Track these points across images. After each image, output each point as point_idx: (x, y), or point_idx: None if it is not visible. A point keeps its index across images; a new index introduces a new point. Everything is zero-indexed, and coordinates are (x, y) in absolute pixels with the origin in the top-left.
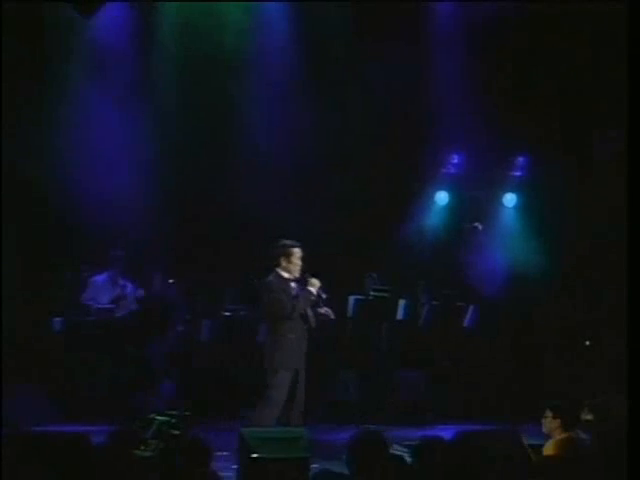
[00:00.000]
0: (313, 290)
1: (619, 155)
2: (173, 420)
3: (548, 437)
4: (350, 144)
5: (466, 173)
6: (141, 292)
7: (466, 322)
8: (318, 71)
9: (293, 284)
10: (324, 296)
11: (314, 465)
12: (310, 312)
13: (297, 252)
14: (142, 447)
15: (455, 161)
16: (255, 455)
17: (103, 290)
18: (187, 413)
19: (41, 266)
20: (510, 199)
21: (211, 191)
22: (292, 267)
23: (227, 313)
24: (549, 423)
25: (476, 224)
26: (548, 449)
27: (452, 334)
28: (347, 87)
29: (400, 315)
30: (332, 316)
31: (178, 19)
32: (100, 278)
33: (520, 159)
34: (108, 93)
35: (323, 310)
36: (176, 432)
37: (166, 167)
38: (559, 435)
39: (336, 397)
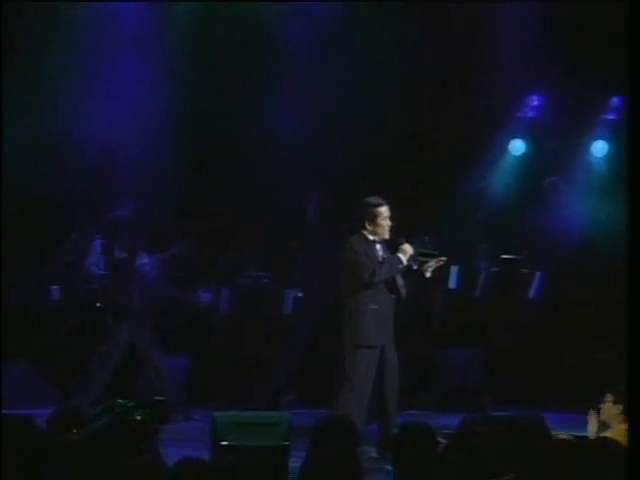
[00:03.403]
0: (403, 258)
1: None
2: (130, 404)
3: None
4: (409, 82)
5: (547, 117)
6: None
7: (531, 293)
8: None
9: (380, 247)
10: (415, 267)
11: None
12: (401, 281)
13: (383, 212)
14: (74, 430)
15: (534, 103)
16: (224, 442)
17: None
18: (160, 398)
19: (40, 229)
20: (600, 148)
21: (237, 139)
22: (379, 229)
23: (248, 281)
24: (608, 410)
25: (557, 179)
26: None
27: (514, 306)
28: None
29: (452, 284)
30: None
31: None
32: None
33: (614, 100)
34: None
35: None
36: (137, 417)
37: (183, 119)
38: (619, 424)
39: None
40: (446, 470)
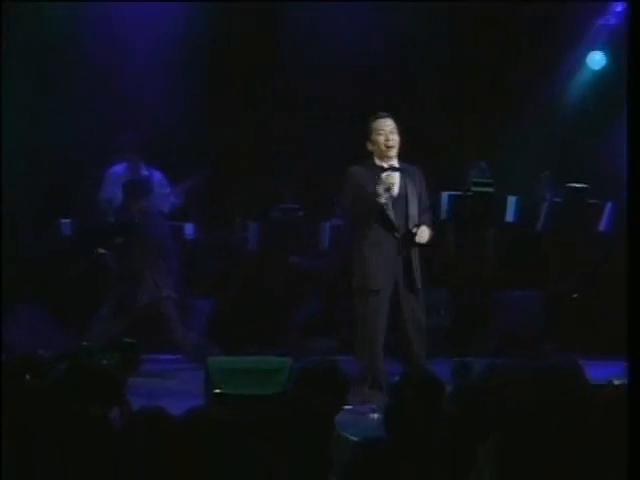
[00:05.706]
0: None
1: None
2: (94, 348)
3: None
4: None
5: (633, 25)
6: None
7: (602, 226)
8: None
9: (394, 173)
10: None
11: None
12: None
13: (378, 125)
14: (27, 376)
15: (618, 9)
16: (219, 390)
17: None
18: (130, 340)
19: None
20: None
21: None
22: (376, 148)
23: (279, 214)
24: None
25: None
26: None
27: (580, 243)
28: None
29: (510, 217)
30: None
31: None
32: (118, 169)
33: None
34: None
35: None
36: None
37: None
38: None
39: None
40: (442, 423)
